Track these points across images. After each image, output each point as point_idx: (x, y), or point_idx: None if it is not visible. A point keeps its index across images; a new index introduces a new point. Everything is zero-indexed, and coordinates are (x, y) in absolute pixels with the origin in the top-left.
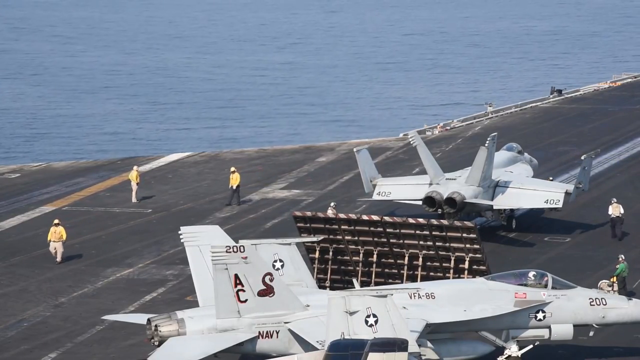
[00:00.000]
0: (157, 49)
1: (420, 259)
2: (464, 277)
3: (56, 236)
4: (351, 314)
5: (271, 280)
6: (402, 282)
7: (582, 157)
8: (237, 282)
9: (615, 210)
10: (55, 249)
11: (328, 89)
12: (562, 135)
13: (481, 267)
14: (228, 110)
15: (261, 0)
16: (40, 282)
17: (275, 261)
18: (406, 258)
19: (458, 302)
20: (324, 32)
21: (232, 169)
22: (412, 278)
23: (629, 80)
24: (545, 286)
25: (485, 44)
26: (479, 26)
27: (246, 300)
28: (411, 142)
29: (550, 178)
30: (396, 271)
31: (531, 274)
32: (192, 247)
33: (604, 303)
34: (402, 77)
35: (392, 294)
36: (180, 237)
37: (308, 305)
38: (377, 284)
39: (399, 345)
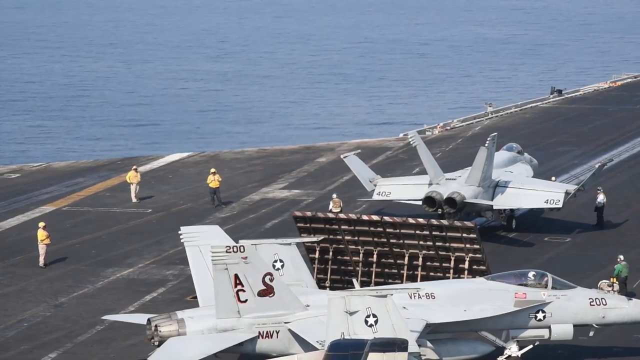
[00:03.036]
0: (88, 57)
1: (420, 259)
2: (464, 277)
3: (45, 239)
4: (351, 314)
5: (271, 280)
6: (402, 282)
7: (596, 165)
8: (237, 282)
9: (603, 198)
10: (44, 251)
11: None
12: (562, 135)
13: (481, 267)
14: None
15: (211, 4)
16: (40, 282)
17: (276, 261)
18: (406, 258)
19: (458, 302)
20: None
21: (212, 170)
22: (412, 278)
23: (629, 80)
24: (545, 286)
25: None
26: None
27: (246, 300)
28: (411, 142)
29: (553, 178)
30: (396, 271)
31: (531, 274)
32: (192, 247)
33: (604, 303)
34: (398, 78)
35: (392, 294)
36: (180, 237)
37: (308, 306)
38: (377, 284)
39: (399, 345)
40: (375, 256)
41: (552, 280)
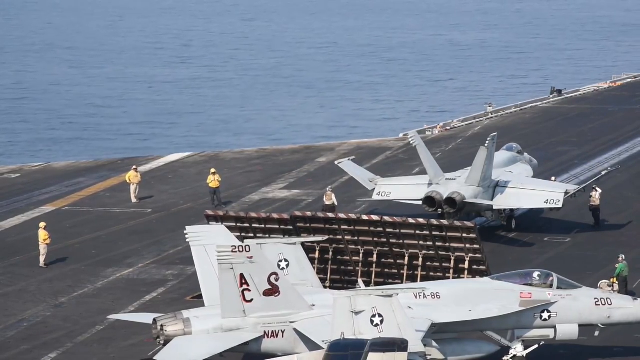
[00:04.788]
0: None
1: (420, 259)
2: (464, 277)
3: (46, 239)
4: (357, 313)
5: (277, 279)
6: (402, 282)
7: (603, 173)
8: (243, 281)
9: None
10: (45, 251)
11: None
12: (562, 135)
13: (481, 267)
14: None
15: (182, 6)
16: (40, 282)
17: (281, 261)
18: (406, 258)
19: (463, 302)
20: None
21: (212, 170)
22: (412, 278)
23: (629, 80)
24: (551, 286)
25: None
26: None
27: (252, 300)
28: (411, 142)
29: (553, 178)
30: (396, 271)
31: (536, 273)
32: (198, 246)
33: (609, 303)
34: (396, 78)
35: (397, 294)
36: (186, 236)
37: (313, 305)
38: (377, 284)
39: (399, 345)
40: (375, 256)
41: (557, 280)
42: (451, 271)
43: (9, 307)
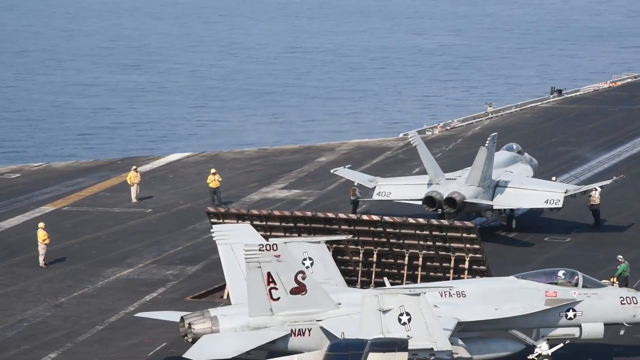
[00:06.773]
0: None
1: (420, 259)
2: (464, 277)
3: (45, 239)
4: (384, 312)
5: (303, 278)
6: (402, 282)
7: (608, 182)
8: (270, 280)
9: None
10: (44, 251)
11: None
12: (562, 135)
13: (481, 267)
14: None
15: (147, 8)
16: (40, 282)
17: (305, 259)
18: (406, 258)
19: (489, 301)
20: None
21: (212, 170)
22: (412, 278)
23: (629, 80)
24: (576, 285)
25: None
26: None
27: (279, 299)
28: (411, 142)
29: (553, 178)
30: (396, 271)
31: (561, 272)
32: (224, 245)
33: (635, 302)
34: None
35: (424, 293)
36: (212, 235)
37: (339, 304)
38: (377, 284)
39: (399, 345)
40: (375, 256)
41: (582, 278)
42: (451, 271)
43: (9, 307)
